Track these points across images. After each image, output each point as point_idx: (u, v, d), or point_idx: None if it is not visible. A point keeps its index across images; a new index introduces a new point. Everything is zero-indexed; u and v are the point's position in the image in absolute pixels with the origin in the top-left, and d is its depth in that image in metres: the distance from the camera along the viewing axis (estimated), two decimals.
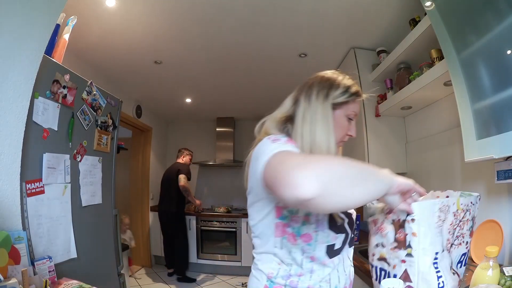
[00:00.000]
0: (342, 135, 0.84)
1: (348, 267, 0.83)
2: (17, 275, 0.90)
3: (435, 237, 0.73)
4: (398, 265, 0.75)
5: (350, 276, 0.83)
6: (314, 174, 0.50)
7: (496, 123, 1.05)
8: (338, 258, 0.79)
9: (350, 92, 0.83)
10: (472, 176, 1.46)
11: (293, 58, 2.51)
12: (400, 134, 2.15)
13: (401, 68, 1.85)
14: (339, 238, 0.77)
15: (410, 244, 0.72)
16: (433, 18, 1.30)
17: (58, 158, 1.35)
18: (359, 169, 0.58)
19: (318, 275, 0.75)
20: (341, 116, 0.83)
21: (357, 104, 0.85)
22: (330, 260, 0.76)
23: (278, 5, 1.81)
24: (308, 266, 0.75)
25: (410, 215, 0.72)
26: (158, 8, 1.84)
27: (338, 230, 0.76)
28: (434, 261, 0.72)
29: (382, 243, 0.79)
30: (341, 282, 0.78)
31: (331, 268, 0.76)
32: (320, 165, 0.53)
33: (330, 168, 0.53)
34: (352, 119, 0.85)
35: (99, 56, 2.44)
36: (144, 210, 4.12)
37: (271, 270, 0.76)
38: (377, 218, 0.81)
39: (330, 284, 0.76)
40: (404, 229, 0.73)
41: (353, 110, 0.84)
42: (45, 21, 1.16)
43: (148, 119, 4.08)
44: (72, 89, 1.41)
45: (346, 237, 0.79)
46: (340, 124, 0.82)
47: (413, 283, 0.73)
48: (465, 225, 0.82)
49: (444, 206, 0.73)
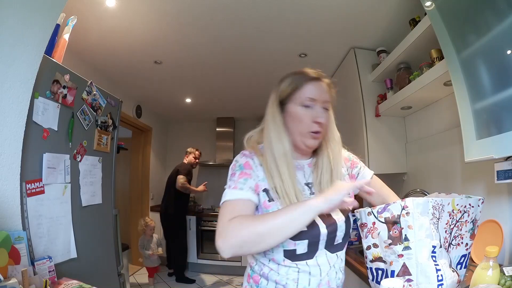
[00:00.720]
0: (307, 126, 0.81)
1: (327, 272, 0.80)
2: (17, 275, 0.90)
3: (431, 231, 0.73)
4: (395, 261, 0.76)
5: (329, 283, 0.80)
6: (226, 247, 0.68)
7: (496, 123, 1.04)
8: (311, 263, 0.78)
9: (293, 79, 0.83)
10: (472, 176, 1.46)
11: (293, 58, 2.51)
12: (400, 134, 2.15)
13: (401, 68, 1.85)
14: (300, 244, 0.77)
15: (406, 237, 0.74)
16: (433, 18, 1.30)
17: (58, 158, 1.35)
18: (274, 223, 0.69)
19: (284, 273, 0.79)
20: (294, 108, 0.81)
21: (310, 88, 0.81)
22: (294, 263, 0.78)
23: (278, 5, 1.81)
24: (273, 266, 0.80)
25: (404, 209, 0.74)
26: (158, 8, 1.84)
27: (296, 237, 0.75)
28: (432, 254, 0.73)
29: (374, 244, 0.80)
30: (311, 285, 0.78)
31: (297, 270, 0.78)
32: (234, 235, 0.68)
33: (241, 236, 0.68)
34: (309, 106, 0.80)
35: (99, 56, 2.44)
36: (144, 210, 4.12)
37: (252, 261, 0.86)
38: (365, 222, 0.82)
39: (298, 284, 0.77)
40: (399, 224, 0.75)
41: (306, 95, 0.80)
42: (45, 21, 1.16)
43: (148, 119, 4.08)
44: (72, 89, 1.41)
45: (315, 244, 0.78)
46: (296, 116, 0.81)
47: (412, 276, 0.74)
48: (463, 226, 0.82)
49: (438, 205, 0.76)
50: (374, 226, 0.79)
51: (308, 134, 0.81)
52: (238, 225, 0.69)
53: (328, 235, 0.79)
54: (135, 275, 3.73)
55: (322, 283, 0.79)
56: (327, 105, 0.84)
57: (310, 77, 0.83)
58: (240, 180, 0.79)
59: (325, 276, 0.80)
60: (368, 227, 0.80)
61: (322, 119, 0.80)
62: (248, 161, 0.82)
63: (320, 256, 0.79)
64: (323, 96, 0.82)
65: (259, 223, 0.69)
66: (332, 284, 0.81)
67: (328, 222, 0.80)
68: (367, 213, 0.80)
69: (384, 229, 0.77)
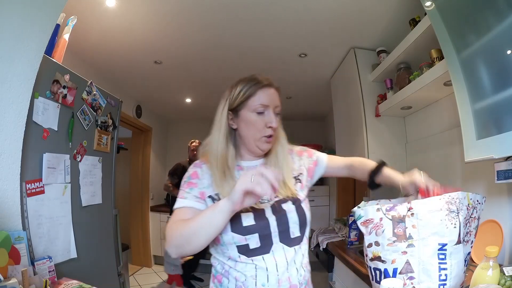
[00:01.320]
0: (260, 131, 0.85)
1: (287, 268, 0.80)
2: (17, 275, 0.90)
3: (442, 227, 0.74)
4: (398, 258, 0.76)
5: (290, 280, 0.80)
6: (169, 248, 0.77)
7: (496, 123, 1.05)
8: (268, 258, 0.79)
9: (245, 87, 0.86)
10: (472, 176, 1.46)
11: (293, 58, 2.51)
12: (400, 134, 2.15)
13: (401, 68, 1.85)
14: (251, 238, 0.79)
15: (410, 235, 0.75)
16: (433, 18, 1.30)
17: (58, 158, 1.35)
18: (194, 225, 0.75)
19: (242, 270, 0.80)
20: (248, 114, 0.85)
21: (263, 95, 0.85)
22: (250, 259, 0.79)
23: (278, 6, 1.81)
24: (231, 263, 0.82)
25: (410, 210, 0.76)
26: (158, 8, 1.84)
27: (245, 232, 0.78)
28: (440, 252, 0.73)
29: (376, 241, 0.80)
30: (270, 282, 0.78)
31: (254, 266, 0.79)
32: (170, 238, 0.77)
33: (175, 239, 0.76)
34: (262, 112, 0.85)
35: (99, 56, 2.44)
36: (144, 210, 4.12)
37: (214, 261, 0.88)
38: (371, 218, 0.82)
39: (256, 281, 0.78)
40: (404, 223, 0.76)
41: (259, 102, 0.84)
42: (45, 21, 1.16)
43: (148, 119, 4.08)
44: (72, 89, 1.41)
45: (267, 237, 0.80)
46: (251, 123, 0.85)
47: (414, 274, 0.74)
48: (473, 222, 0.82)
49: (453, 199, 0.75)
50: (381, 222, 0.79)
51: (262, 138, 0.85)
52: (172, 230, 0.77)
53: (279, 227, 0.81)
54: (135, 275, 3.74)
55: (282, 279, 0.79)
56: (278, 110, 0.88)
57: (263, 84, 0.86)
58: (186, 189, 0.86)
59: (284, 272, 0.79)
60: (375, 223, 0.80)
61: (274, 124, 0.85)
62: (196, 170, 0.89)
63: (277, 251, 0.81)
64: (275, 102, 0.87)
65: (185, 226, 0.75)
66: (293, 281, 0.80)
67: (278, 213, 0.82)
68: (376, 209, 0.80)
69: (390, 227, 0.77)
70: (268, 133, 0.85)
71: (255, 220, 0.79)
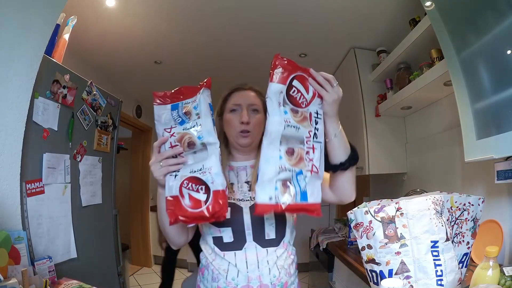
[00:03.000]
0: (235, 127, 0.90)
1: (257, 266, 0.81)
2: (17, 275, 0.90)
3: (432, 226, 0.75)
4: (392, 259, 0.76)
5: (260, 278, 0.80)
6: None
7: (496, 123, 1.05)
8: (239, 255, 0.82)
9: (223, 95, 0.96)
10: (472, 176, 1.46)
11: (293, 58, 2.45)
12: (400, 134, 2.15)
13: (401, 68, 1.85)
14: (225, 232, 0.84)
15: (402, 235, 0.76)
16: (433, 18, 1.30)
17: (58, 158, 1.35)
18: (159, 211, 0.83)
19: (217, 264, 0.84)
20: (225, 115, 0.93)
21: (235, 96, 0.93)
22: (223, 253, 0.84)
23: (278, 5, 1.81)
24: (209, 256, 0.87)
25: (398, 210, 0.77)
26: (158, 8, 1.84)
27: (220, 224, 0.83)
28: (433, 249, 0.74)
29: (368, 245, 0.80)
30: (239, 278, 0.81)
31: (227, 262, 0.83)
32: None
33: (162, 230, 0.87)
34: (235, 110, 0.91)
35: (99, 56, 2.44)
36: (144, 210, 4.12)
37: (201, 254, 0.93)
38: (361, 222, 0.82)
39: (227, 275, 0.82)
40: (394, 223, 0.77)
41: (232, 102, 0.93)
42: (45, 21, 1.16)
43: (148, 119, 4.08)
44: (72, 89, 1.41)
45: (240, 232, 0.83)
46: (227, 121, 0.92)
47: (411, 273, 0.75)
48: (464, 224, 0.82)
49: (438, 201, 0.77)
50: (370, 225, 0.79)
51: (238, 134, 0.90)
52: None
53: (253, 225, 0.83)
54: (135, 275, 3.74)
55: (251, 277, 0.80)
56: (255, 107, 0.92)
57: (235, 88, 0.95)
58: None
59: (254, 270, 0.81)
60: (364, 226, 0.80)
61: (244, 119, 0.88)
62: None
63: (249, 249, 0.83)
64: (248, 100, 0.92)
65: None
66: (264, 281, 0.81)
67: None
68: (364, 212, 0.80)
69: (380, 229, 0.78)
70: (241, 128, 0.89)
71: (231, 214, 0.83)
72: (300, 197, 0.74)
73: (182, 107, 0.77)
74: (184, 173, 0.75)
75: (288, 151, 0.74)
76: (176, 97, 0.78)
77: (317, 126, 0.79)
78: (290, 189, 0.73)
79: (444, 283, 0.73)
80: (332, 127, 0.81)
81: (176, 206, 0.73)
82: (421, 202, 0.76)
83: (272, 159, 0.72)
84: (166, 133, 0.77)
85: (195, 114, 0.76)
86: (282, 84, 0.76)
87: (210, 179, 0.74)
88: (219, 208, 0.72)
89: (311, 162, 0.76)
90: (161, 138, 0.77)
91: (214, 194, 0.73)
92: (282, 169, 0.72)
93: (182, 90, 0.80)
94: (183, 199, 0.73)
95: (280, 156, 0.73)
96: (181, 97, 0.78)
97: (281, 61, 0.79)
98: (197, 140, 0.75)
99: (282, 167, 0.72)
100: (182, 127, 0.77)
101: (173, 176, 0.75)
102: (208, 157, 0.75)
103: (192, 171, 0.75)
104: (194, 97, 0.78)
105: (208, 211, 0.72)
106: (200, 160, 0.76)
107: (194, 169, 0.75)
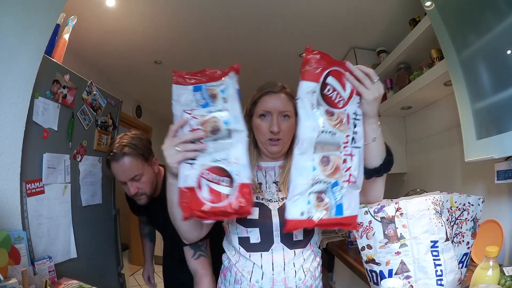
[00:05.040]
0: (264, 135, 0.86)
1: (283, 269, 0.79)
2: (17, 275, 0.90)
3: (432, 226, 0.75)
4: (392, 259, 0.76)
5: (285, 281, 0.79)
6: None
7: (496, 123, 1.05)
8: (266, 256, 0.80)
9: (254, 94, 0.91)
10: (472, 176, 1.46)
11: (293, 58, 2.50)
12: (400, 134, 2.15)
13: (401, 68, 1.85)
14: (253, 232, 0.81)
15: (402, 235, 0.76)
16: (433, 18, 1.30)
17: (58, 158, 1.34)
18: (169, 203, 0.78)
19: (240, 266, 0.83)
20: (255, 120, 0.88)
21: (265, 101, 0.86)
22: (248, 254, 0.82)
23: (278, 5, 1.81)
24: (233, 258, 0.86)
25: (398, 210, 0.76)
26: (158, 8, 1.84)
27: (248, 224, 0.81)
28: (433, 249, 0.74)
29: (367, 245, 0.80)
30: (264, 280, 0.79)
31: (253, 262, 0.81)
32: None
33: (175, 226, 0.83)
34: (265, 115, 0.86)
35: (99, 56, 2.44)
36: None
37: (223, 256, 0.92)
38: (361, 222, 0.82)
39: (251, 277, 0.80)
40: (394, 223, 0.77)
41: (261, 108, 0.86)
42: (45, 21, 1.16)
43: (148, 119, 4.08)
44: (72, 89, 1.41)
45: (268, 234, 0.81)
46: (256, 127, 0.88)
47: (410, 273, 0.75)
48: (464, 224, 0.83)
49: (437, 201, 0.77)
50: (370, 225, 0.79)
51: (267, 141, 0.86)
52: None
53: (282, 226, 0.80)
54: (135, 275, 3.74)
55: (276, 280, 0.79)
56: (286, 113, 0.86)
57: (266, 91, 0.88)
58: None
59: (280, 272, 0.79)
60: (364, 226, 0.80)
61: (275, 128, 0.83)
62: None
63: (276, 251, 0.81)
64: (278, 107, 0.85)
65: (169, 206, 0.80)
66: (289, 283, 0.80)
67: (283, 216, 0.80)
68: (363, 212, 0.80)
69: (380, 229, 0.78)
70: (271, 136, 0.85)
71: (259, 215, 0.81)
72: (335, 211, 0.66)
73: (207, 89, 0.68)
74: (204, 162, 0.66)
75: (323, 160, 0.66)
76: (199, 78, 0.69)
77: (355, 129, 0.69)
78: (324, 202, 0.66)
79: (444, 283, 0.74)
80: (372, 129, 0.72)
81: (192, 199, 0.65)
82: (420, 202, 0.77)
83: (304, 171, 0.64)
84: (186, 114, 0.68)
85: (222, 98, 0.68)
86: (315, 82, 0.66)
87: (235, 170, 0.65)
88: (244, 203, 0.64)
89: (348, 172, 0.68)
90: (180, 119, 0.69)
91: (240, 188, 0.64)
92: (316, 181, 0.65)
93: (206, 72, 0.69)
94: (201, 191, 0.65)
95: (314, 167, 0.65)
96: (205, 79, 0.69)
97: (313, 55, 0.67)
98: (223, 125, 0.66)
99: (315, 179, 0.65)
100: (205, 109, 0.67)
101: (189, 164, 0.66)
102: (234, 145, 0.67)
103: (214, 160, 0.66)
104: (220, 80, 0.69)
105: (231, 206, 0.64)
106: (221, 148, 0.67)
107: (217, 158, 0.66)
